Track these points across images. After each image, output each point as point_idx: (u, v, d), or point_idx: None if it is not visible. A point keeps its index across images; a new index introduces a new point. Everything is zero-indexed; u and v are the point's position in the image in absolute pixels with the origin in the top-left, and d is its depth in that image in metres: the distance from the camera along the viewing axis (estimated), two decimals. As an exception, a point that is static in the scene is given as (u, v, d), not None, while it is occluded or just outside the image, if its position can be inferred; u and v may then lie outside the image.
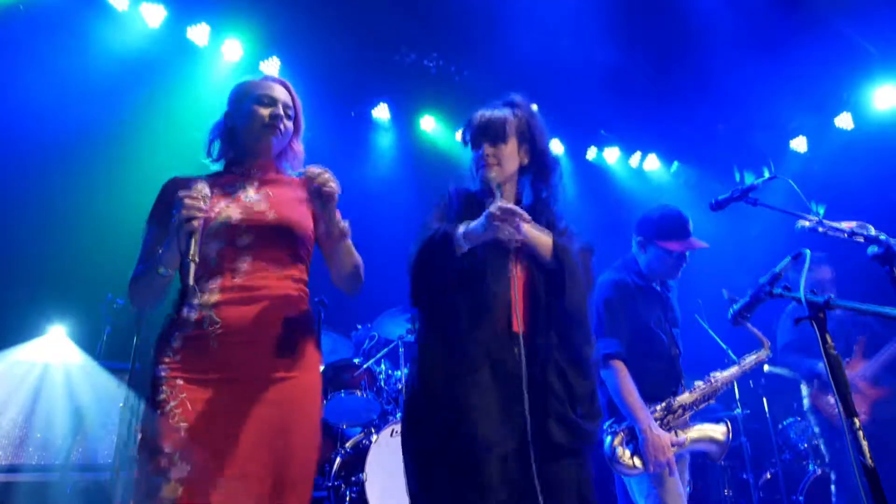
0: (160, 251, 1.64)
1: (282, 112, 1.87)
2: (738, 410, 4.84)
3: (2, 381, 3.85)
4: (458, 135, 2.15)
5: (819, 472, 4.33)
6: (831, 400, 3.53)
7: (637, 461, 2.41)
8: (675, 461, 2.46)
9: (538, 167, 2.01)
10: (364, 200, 5.94)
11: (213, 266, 1.67)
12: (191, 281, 1.51)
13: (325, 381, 4.32)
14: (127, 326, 4.06)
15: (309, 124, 2.02)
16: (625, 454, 2.44)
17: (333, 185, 1.71)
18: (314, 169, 1.72)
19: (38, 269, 4.47)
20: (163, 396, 1.55)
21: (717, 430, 2.58)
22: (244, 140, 1.87)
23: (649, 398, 2.52)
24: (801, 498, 4.24)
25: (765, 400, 4.90)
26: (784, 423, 4.83)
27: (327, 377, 4.37)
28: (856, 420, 1.53)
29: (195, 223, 1.56)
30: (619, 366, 2.50)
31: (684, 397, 2.58)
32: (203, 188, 1.62)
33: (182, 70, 5.28)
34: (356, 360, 4.43)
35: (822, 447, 3.87)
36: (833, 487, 3.70)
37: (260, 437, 1.57)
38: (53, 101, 4.55)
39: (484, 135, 1.96)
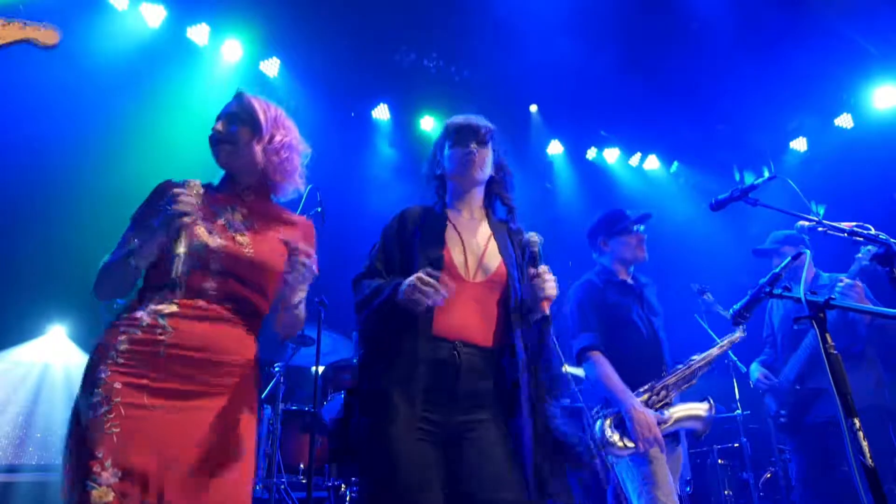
0: (135, 243, 1.66)
1: (222, 128, 1.84)
2: (739, 411, 4.84)
3: (2, 381, 3.85)
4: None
5: (819, 472, 4.33)
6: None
7: (627, 442, 2.54)
8: (670, 453, 2.65)
9: (502, 182, 2.11)
10: (364, 200, 5.95)
11: (180, 278, 1.66)
12: (176, 273, 1.57)
13: (325, 381, 4.32)
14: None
15: (309, 124, 2.01)
16: (614, 436, 2.57)
17: (302, 282, 1.77)
18: (303, 259, 1.75)
19: (38, 269, 4.47)
20: (97, 399, 1.53)
21: (700, 407, 2.70)
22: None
23: (634, 383, 2.66)
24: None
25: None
26: (784, 423, 4.82)
27: (327, 377, 4.37)
28: (856, 420, 1.53)
29: (187, 219, 1.60)
30: (597, 356, 2.71)
31: (666, 380, 2.73)
32: (197, 187, 1.65)
33: (182, 70, 5.28)
34: (356, 361, 4.42)
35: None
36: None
37: (192, 449, 1.58)
38: (53, 101, 4.55)
39: (473, 134, 2.03)
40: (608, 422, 2.61)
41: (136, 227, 1.76)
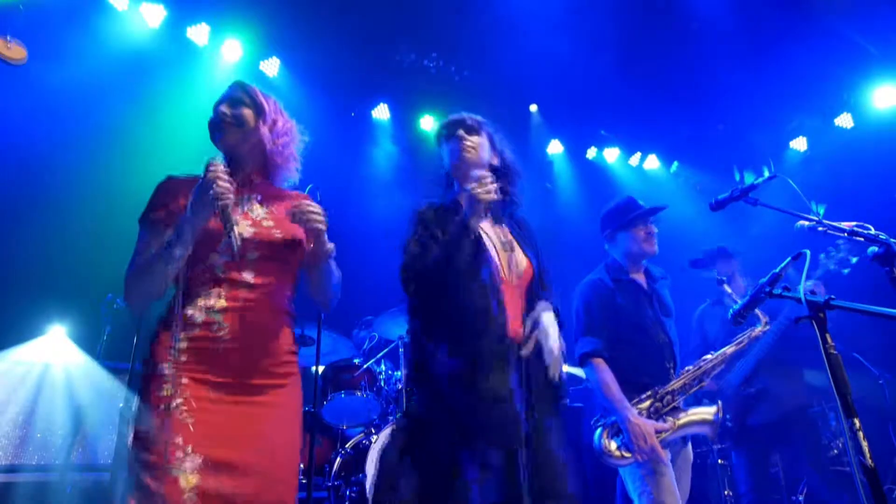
0: (172, 236, 1.66)
1: (228, 111, 1.87)
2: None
3: (2, 381, 3.85)
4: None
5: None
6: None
7: (625, 452, 2.51)
8: (677, 453, 2.65)
9: (506, 172, 2.11)
10: (364, 200, 5.95)
11: (219, 274, 1.71)
12: (236, 246, 1.62)
13: (325, 381, 4.32)
14: (127, 326, 4.06)
15: (309, 124, 2.02)
16: (611, 445, 2.55)
17: (319, 224, 1.76)
18: (303, 207, 1.76)
19: (38, 269, 4.47)
20: (167, 393, 1.58)
21: (708, 412, 2.63)
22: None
23: (638, 388, 2.63)
24: (800, 498, 4.23)
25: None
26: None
27: (327, 377, 4.37)
28: (856, 420, 1.53)
29: (229, 199, 1.63)
30: (598, 362, 2.65)
31: (672, 384, 2.65)
32: (223, 165, 1.67)
33: (182, 70, 5.28)
34: (356, 360, 4.43)
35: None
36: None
37: (255, 437, 1.65)
38: (53, 101, 4.55)
39: (460, 125, 2.08)
40: (605, 432, 2.58)
41: (152, 228, 1.76)
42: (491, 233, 1.99)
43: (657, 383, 2.65)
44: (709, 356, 2.76)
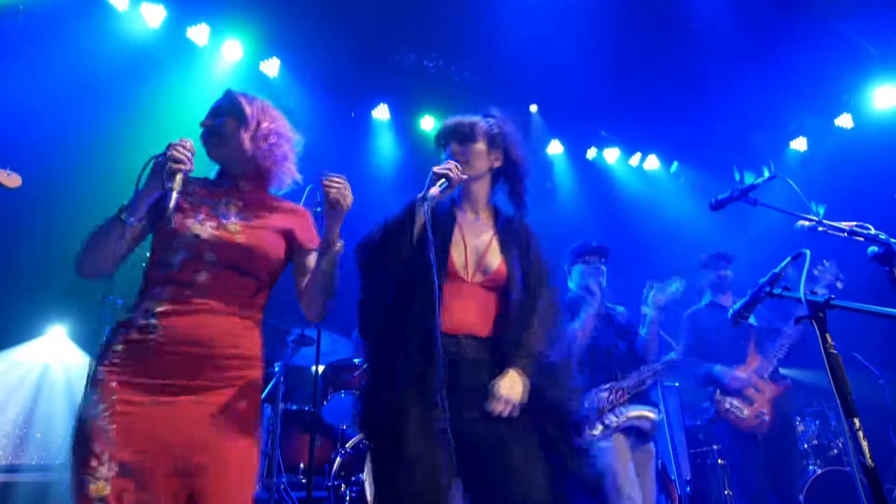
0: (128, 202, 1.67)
1: (208, 122, 1.88)
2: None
3: (2, 381, 3.86)
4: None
5: (819, 471, 4.33)
6: (734, 402, 3.63)
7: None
8: (635, 448, 3.10)
9: (510, 172, 2.10)
10: (363, 201, 5.94)
11: (173, 272, 1.69)
12: (171, 204, 1.58)
13: (325, 381, 4.32)
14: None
15: (309, 124, 2.02)
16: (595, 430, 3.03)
17: (336, 193, 1.77)
18: (332, 176, 1.79)
19: (38, 269, 4.46)
20: (95, 398, 1.57)
21: (651, 411, 3.19)
22: None
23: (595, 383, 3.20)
24: (800, 498, 4.23)
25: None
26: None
27: (327, 377, 4.37)
28: (856, 420, 1.53)
29: (181, 165, 1.63)
30: None
31: (623, 384, 3.20)
32: (191, 143, 1.70)
33: (182, 70, 5.28)
34: (356, 360, 4.43)
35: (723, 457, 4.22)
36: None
37: (182, 445, 1.58)
38: (53, 102, 4.55)
39: (452, 134, 2.05)
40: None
41: None
42: (468, 228, 1.99)
43: (602, 384, 3.20)
44: (644, 368, 3.28)
